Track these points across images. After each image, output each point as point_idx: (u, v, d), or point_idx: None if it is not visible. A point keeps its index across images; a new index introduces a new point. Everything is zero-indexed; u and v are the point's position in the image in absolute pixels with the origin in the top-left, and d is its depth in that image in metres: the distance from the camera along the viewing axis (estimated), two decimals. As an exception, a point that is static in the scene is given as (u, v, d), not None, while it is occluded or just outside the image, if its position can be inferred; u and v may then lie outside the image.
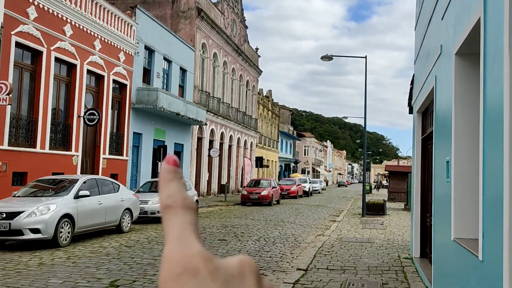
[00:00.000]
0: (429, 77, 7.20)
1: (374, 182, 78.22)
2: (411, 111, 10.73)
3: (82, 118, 16.44)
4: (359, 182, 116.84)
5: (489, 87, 3.43)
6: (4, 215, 9.47)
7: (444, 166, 5.63)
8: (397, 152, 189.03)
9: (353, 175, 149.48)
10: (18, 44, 13.56)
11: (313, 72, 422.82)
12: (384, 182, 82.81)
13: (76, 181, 11.19)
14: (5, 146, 13.04)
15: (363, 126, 21.46)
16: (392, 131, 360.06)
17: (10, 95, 12.06)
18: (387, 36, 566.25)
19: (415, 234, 9.22)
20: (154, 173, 21.82)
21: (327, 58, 20.64)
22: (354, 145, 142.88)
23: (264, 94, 47.19)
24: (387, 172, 37.48)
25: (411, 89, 10.74)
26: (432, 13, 7.07)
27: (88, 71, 17.19)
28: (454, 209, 4.93)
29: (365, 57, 20.43)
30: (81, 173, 16.33)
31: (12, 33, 13.19)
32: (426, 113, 8.87)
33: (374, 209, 20.14)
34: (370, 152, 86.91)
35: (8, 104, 12.31)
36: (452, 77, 5.10)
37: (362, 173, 29.40)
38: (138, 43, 20.48)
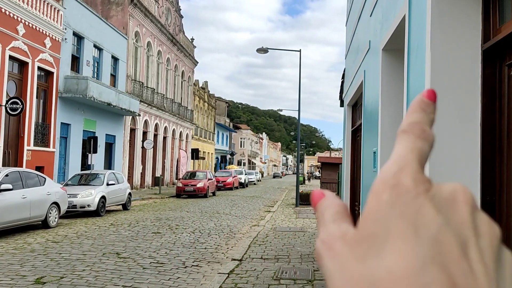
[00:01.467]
0: (359, 71, 7.49)
1: (307, 173, 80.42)
2: (342, 104, 11.13)
3: (3, 107, 15.37)
4: (293, 173, 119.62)
5: (412, 81, 3.62)
6: None
7: (371, 156, 5.89)
8: (329, 144, 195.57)
9: (287, 166, 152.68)
10: None
11: (248, 65, 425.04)
12: (317, 173, 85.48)
13: (-4, 174, 10.46)
14: None
15: (297, 118, 21.94)
16: (325, 123, 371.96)
17: None
18: (320, 31, 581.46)
19: (345, 222, 9.60)
20: (84, 166, 20.93)
21: (263, 50, 20.82)
22: (289, 137, 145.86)
23: (200, 85, 46.75)
24: (319, 164, 38.64)
25: (342, 83, 11.13)
26: (361, 9, 7.34)
27: (11, 57, 16.07)
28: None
29: (299, 50, 20.84)
30: (3, 165, 15.30)
31: None
32: (355, 106, 9.24)
33: (307, 199, 20.71)
34: (304, 144, 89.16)
35: None
36: (379, 72, 5.34)
37: (296, 164, 30.12)
38: (66, 29, 19.44)
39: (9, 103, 15.38)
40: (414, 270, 0.27)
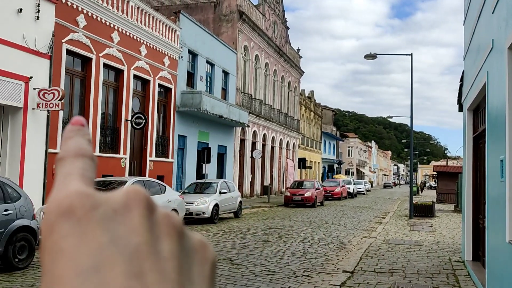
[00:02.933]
0: (480, 73, 6.92)
1: (422, 183, 75.97)
2: (461, 109, 10.35)
3: (129, 122, 16.95)
4: (405, 183, 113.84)
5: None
6: (59, 216, 9.90)
7: (498, 165, 5.39)
8: (445, 152, 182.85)
9: (399, 176, 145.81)
10: (69, 52, 14.17)
11: (355, 72, 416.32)
12: (432, 183, 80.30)
13: (124, 183, 11.55)
14: (58, 149, 13.63)
15: (409, 125, 20.90)
16: (440, 130, 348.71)
17: (62, 101, 12.61)
18: (432, 33, 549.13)
19: (467, 237, 8.88)
20: (199, 175, 22.17)
21: (371, 57, 20.26)
22: (400, 145, 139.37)
23: (306, 95, 46.92)
24: (435, 173, 36.29)
25: (461, 86, 10.37)
26: (482, 7, 6.79)
27: (135, 76, 17.71)
28: (510, 210, 4.71)
29: (411, 54, 19.90)
30: (129, 175, 16.82)
31: (63, 41, 13.80)
32: (477, 111, 8.53)
33: (422, 211, 19.55)
34: (417, 152, 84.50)
35: (61, 110, 12.88)
36: (505, 72, 4.88)
37: (408, 174, 28.58)
38: (182, 47, 20.90)
39: (134, 118, 16.92)
40: None
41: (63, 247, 0.27)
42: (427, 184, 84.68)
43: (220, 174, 25.64)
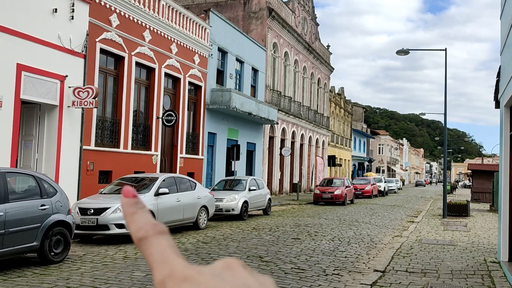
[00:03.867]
0: (519, 68, 6.67)
1: (455, 181, 74.06)
2: (497, 106, 10.01)
3: (160, 119, 17.20)
4: (438, 181, 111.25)
5: None
6: (92, 211, 10.17)
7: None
8: (480, 149, 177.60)
9: (431, 174, 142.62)
10: (102, 51, 14.48)
11: (386, 68, 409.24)
12: (466, 182, 78.18)
13: (156, 179, 11.73)
14: (92, 146, 13.99)
15: (443, 122, 20.39)
16: (475, 127, 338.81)
17: (96, 99, 12.91)
18: (466, 27, 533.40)
19: (503, 237, 8.60)
20: (228, 172, 22.30)
21: (403, 52, 19.85)
22: (433, 143, 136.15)
23: (336, 91, 46.45)
24: (469, 171, 35.30)
25: (498, 82, 10.03)
26: (522, -2, 6.54)
27: (166, 74, 17.95)
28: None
29: (445, 49, 19.38)
30: (160, 171, 17.09)
31: (97, 40, 14.11)
32: (515, 107, 8.23)
33: (456, 210, 19.06)
34: (451, 150, 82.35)
35: (95, 107, 13.19)
36: (547, 67, 4.68)
37: (441, 172, 27.90)
38: (211, 45, 21.03)
39: (165, 115, 17.16)
40: None
41: None
42: (460, 183, 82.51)
43: (249, 171, 25.70)
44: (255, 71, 26.31)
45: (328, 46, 42.01)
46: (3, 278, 6.89)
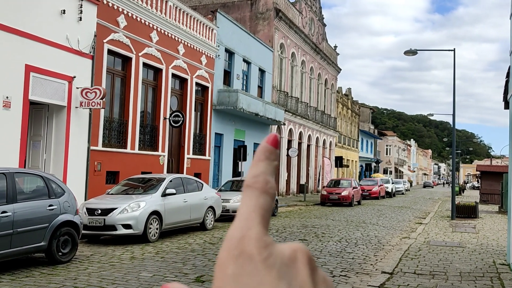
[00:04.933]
0: (530, 68, 6.60)
1: (464, 182, 73.53)
2: (507, 106, 9.92)
3: (167, 120, 17.24)
4: (446, 183, 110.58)
5: None
6: (99, 212, 10.19)
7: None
8: (489, 151, 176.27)
9: (439, 175, 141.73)
10: (110, 52, 14.54)
11: (393, 68, 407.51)
12: (475, 183, 77.60)
13: (163, 180, 11.74)
14: (100, 147, 14.05)
15: (451, 123, 20.25)
16: (483, 128, 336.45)
17: (104, 100, 12.96)
18: (475, 28, 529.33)
19: (514, 239, 8.50)
20: (235, 173, 22.30)
21: (411, 53, 19.74)
22: (441, 144, 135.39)
23: (343, 92, 46.31)
24: (478, 173, 35.05)
25: (507, 82, 9.93)
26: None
27: (173, 75, 17.98)
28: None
29: (453, 50, 19.25)
30: (167, 172, 17.11)
31: (104, 41, 14.17)
32: (525, 108, 8.15)
33: (464, 212, 18.90)
34: (459, 151, 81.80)
35: (102, 108, 13.24)
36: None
37: (449, 173, 27.70)
38: (218, 46, 21.05)
39: (172, 116, 17.19)
40: None
41: (246, 282, 0.32)
42: (468, 184, 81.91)
43: (256, 172, 25.65)
44: (262, 71, 26.29)
45: (335, 46, 41.90)
46: (11, 278, 6.92)
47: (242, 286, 0.32)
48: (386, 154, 72.28)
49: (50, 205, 7.93)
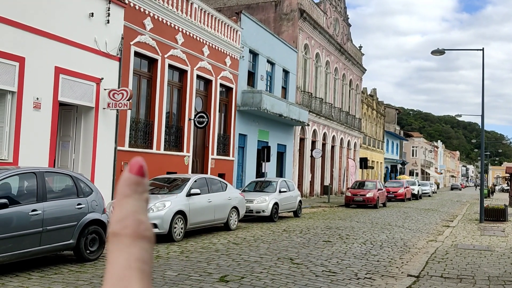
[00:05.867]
0: None
1: (493, 185, 71.68)
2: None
3: (192, 121, 17.40)
4: (474, 185, 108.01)
5: None
6: (126, 210, 10.36)
7: None
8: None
9: (468, 177, 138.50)
10: (136, 53, 14.78)
11: (420, 69, 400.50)
12: (504, 186, 75.56)
13: (188, 180, 11.87)
14: (126, 147, 14.29)
15: (480, 124, 19.78)
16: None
17: (130, 101, 13.19)
18: (504, 27, 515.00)
19: (546, 244, 8.24)
20: (259, 173, 22.33)
21: (439, 52, 19.37)
22: (469, 146, 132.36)
23: (368, 93, 45.79)
24: (508, 175, 34.12)
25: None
26: None
27: (198, 76, 18.14)
28: None
29: (482, 49, 18.80)
30: (192, 172, 17.27)
31: (131, 43, 14.41)
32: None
33: (493, 215, 18.43)
34: (488, 153, 79.84)
35: (129, 109, 13.47)
36: None
37: (478, 175, 27.08)
38: (243, 47, 21.13)
39: (196, 117, 17.35)
40: None
41: None
42: (497, 187, 79.78)
43: (280, 173, 25.65)
44: (286, 72, 26.25)
45: (360, 47, 41.49)
46: (40, 275, 7.11)
47: None
48: (412, 155, 71.10)
49: (79, 204, 8.11)
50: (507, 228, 15.78)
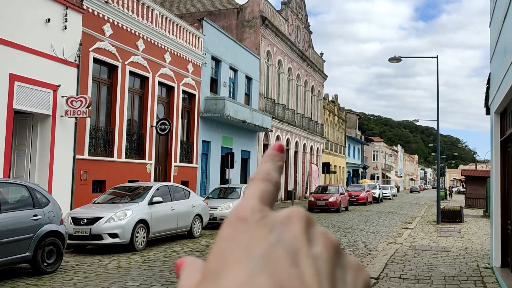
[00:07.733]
0: (508, 74, 6.78)
1: (450, 187, 74.35)
2: (488, 112, 10.12)
3: (154, 128, 17.21)
4: (433, 188, 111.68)
5: None
6: (85, 221, 10.13)
7: (526, 169, 5.25)
8: (474, 155, 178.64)
9: (426, 180, 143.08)
10: (95, 60, 14.51)
11: (379, 75, 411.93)
12: (460, 188, 78.52)
13: (150, 188, 11.72)
14: (86, 155, 13.96)
15: (436, 129, 20.54)
16: (468, 133, 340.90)
17: (90, 108, 12.91)
18: (458, 35, 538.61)
19: (495, 242, 8.66)
20: (223, 180, 22.29)
21: (396, 59, 20.02)
22: (427, 149, 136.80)
23: (330, 99, 46.65)
24: (463, 177, 35.51)
25: (488, 88, 10.15)
26: (507, 8, 6.66)
27: (160, 83, 17.98)
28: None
29: (437, 57, 19.58)
30: (154, 180, 17.05)
31: (90, 49, 14.14)
32: (505, 114, 8.34)
33: (450, 216, 19.14)
34: (445, 156, 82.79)
35: (88, 117, 13.19)
36: (533, 74, 4.76)
37: (436, 178, 28.04)
38: (205, 54, 21.11)
39: (159, 124, 17.17)
40: (243, 282, 0.31)
41: (238, 239, 0.34)
42: (454, 189, 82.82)
43: (244, 179, 25.69)
44: (248, 79, 26.40)
45: (322, 54, 42.25)
46: (-5, 289, 6.84)
47: (234, 243, 0.33)
48: (373, 160, 72.82)
49: (35, 215, 7.87)
50: (462, 229, 16.42)
